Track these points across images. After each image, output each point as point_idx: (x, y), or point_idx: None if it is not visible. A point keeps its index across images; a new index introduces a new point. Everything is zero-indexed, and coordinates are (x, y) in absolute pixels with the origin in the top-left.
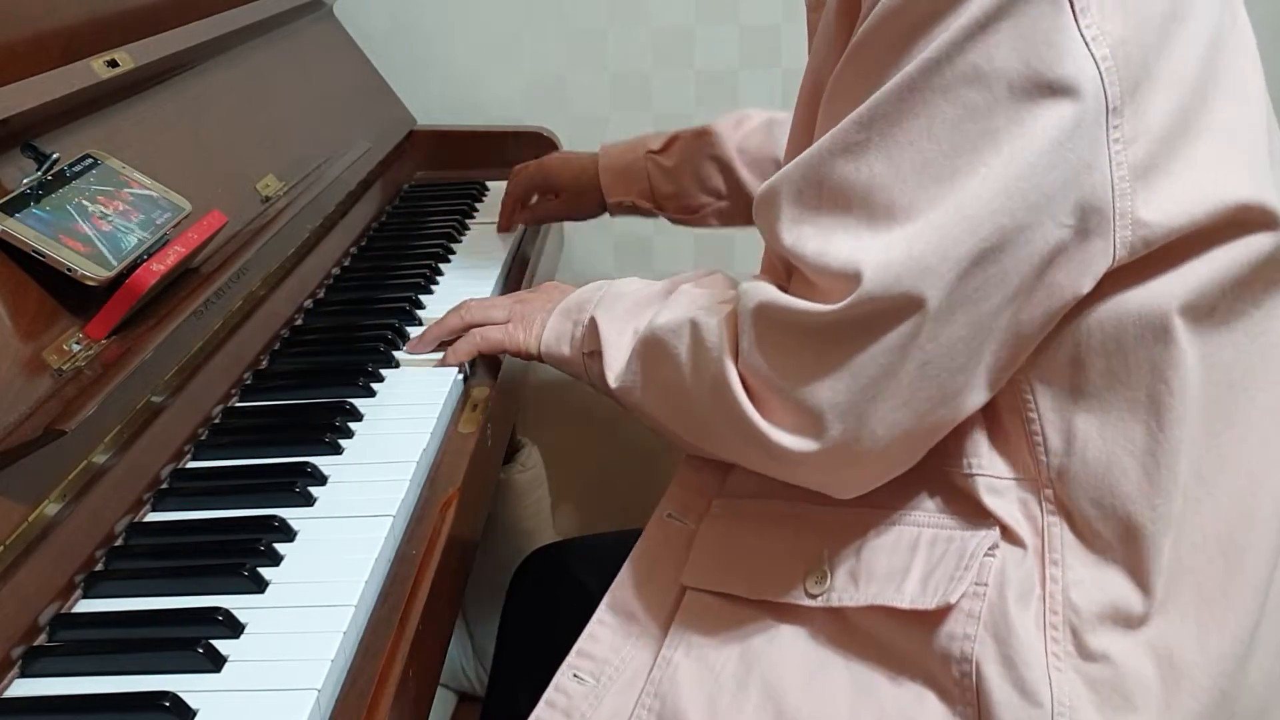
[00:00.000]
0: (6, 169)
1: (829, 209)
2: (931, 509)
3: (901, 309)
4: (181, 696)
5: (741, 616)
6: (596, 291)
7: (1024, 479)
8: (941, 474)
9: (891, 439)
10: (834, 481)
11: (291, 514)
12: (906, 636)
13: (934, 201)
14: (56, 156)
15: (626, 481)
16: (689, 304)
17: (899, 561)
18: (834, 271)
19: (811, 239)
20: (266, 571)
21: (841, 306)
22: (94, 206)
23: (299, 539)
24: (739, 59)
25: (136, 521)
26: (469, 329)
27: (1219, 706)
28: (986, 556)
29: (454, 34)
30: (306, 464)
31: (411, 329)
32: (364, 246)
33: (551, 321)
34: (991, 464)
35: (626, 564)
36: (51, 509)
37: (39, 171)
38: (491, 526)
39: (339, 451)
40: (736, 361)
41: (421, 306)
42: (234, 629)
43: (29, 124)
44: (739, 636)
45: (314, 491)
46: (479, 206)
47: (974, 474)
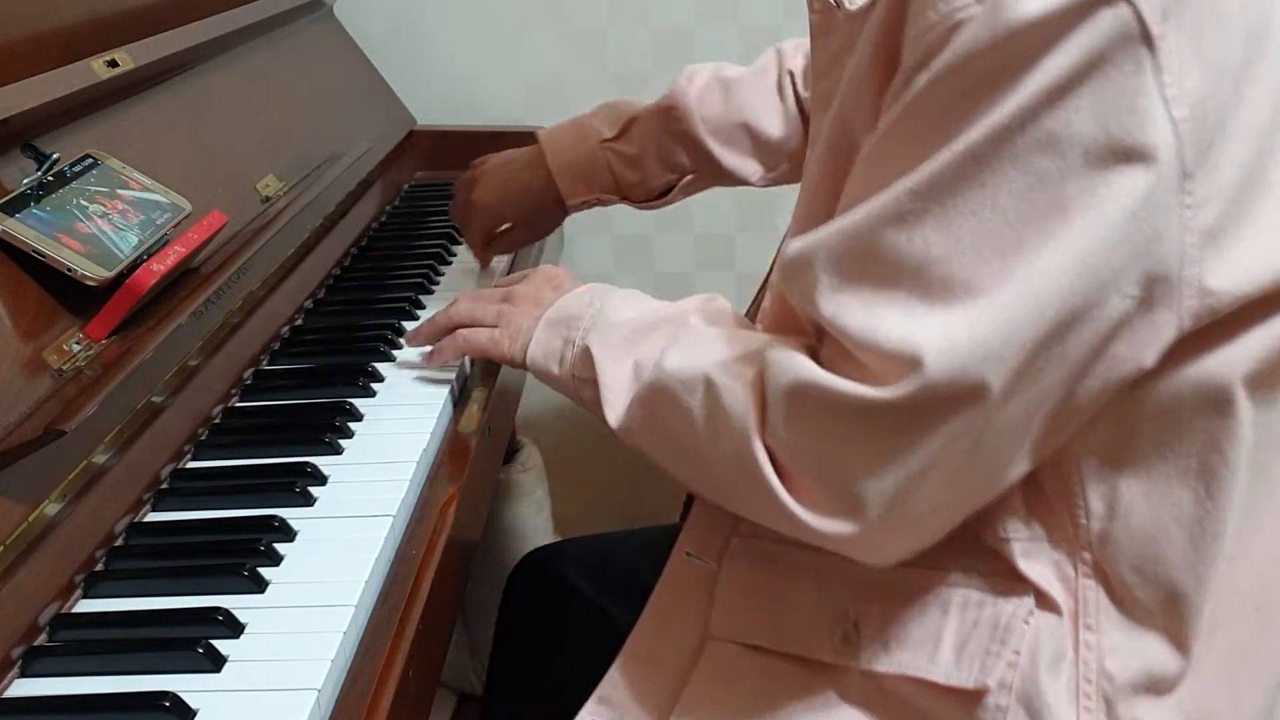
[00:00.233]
0: (6, 169)
1: (875, 280)
2: (963, 570)
3: (963, 396)
4: (181, 696)
5: (768, 670)
6: (588, 307)
7: (1060, 542)
8: (974, 536)
9: (931, 516)
10: (861, 553)
11: (291, 514)
12: (940, 706)
13: (997, 278)
14: (56, 156)
15: (627, 481)
16: (703, 353)
17: (930, 626)
18: (887, 352)
19: (855, 311)
20: (266, 571)
21: (899, 394)
22: (94, 206)
23: (299, 539)
24: (739, 59)
25: (136, 521)
26: (456, 328)
27: None
28: (1021, 624)
29: (454, 34)
30: (306, 464)
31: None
32: (364, 246)
33: (539, 334)
34: (1028, 528)
35: (648, 606)
36: (51, 509)
37: (39, 171)
38: (491, 526)
39: (339, 451)
40: (763, 436)
41: (421, 307)
42: (234, 629)
43: (29, 124)
44: (765, 692)
45: (314, 491)
46: None
47: (1009, 538)
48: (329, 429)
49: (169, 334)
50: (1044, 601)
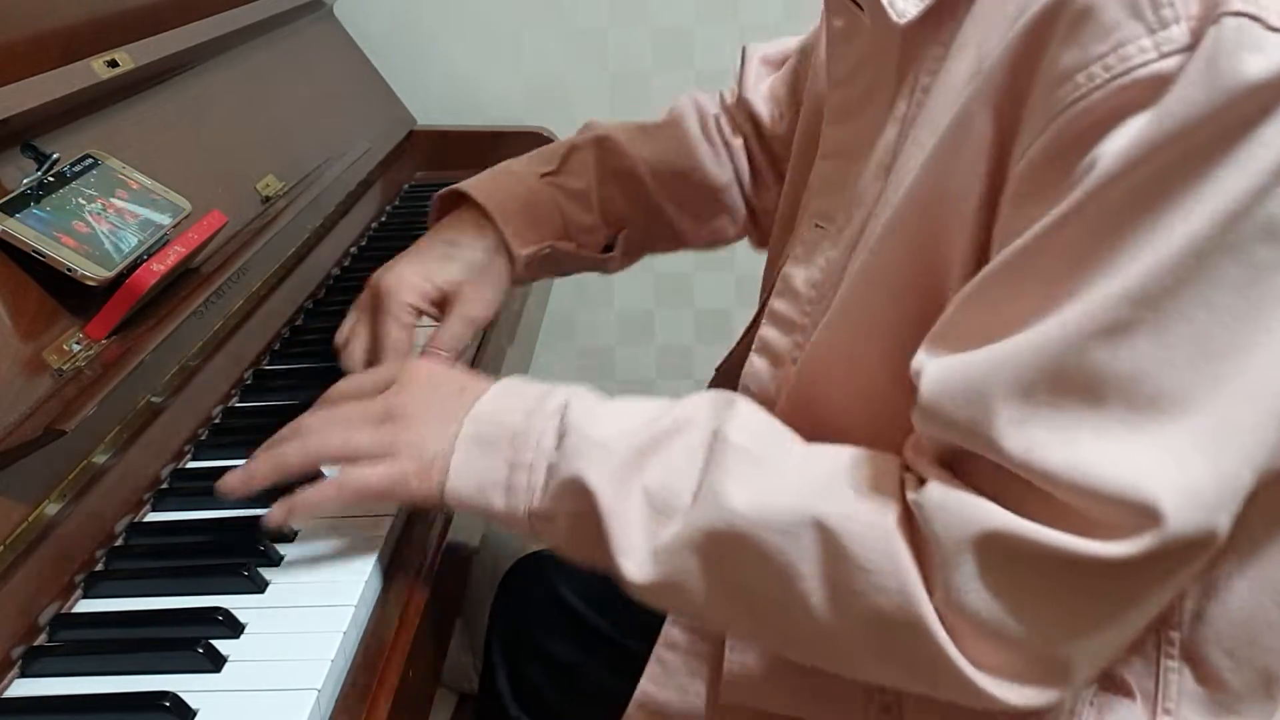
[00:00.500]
0: (6, 169)
1: (1075, 406)
2: None
3: (1204, 543)
4: (181, 696)
5: None
6: (539, 418)
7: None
8: None
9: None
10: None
11: None
12: None
13: (1212, 387)
14: (56, 156)
15: None
16: (789, 488)
17: None
18: (1109, 497)
19: (1053, 446)
20: (266, 571)
21: (1136, 551)
22: (94, 206)
23: (299, 538)
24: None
25: (136, 521)
26: (314, 465)
27: None
28: (1085, 706)
29: (454, 34)
30: None
31: None
32: (364, 246)
33: (462, 459)
34: None
35: (652, 658)
36: (51, 509)
37: (39, 171)
38: (491, 526)
39: None
40: (934, 598)
41: None
42: (234, 629)
43: (29, 124)
44: None
45: None
46: None
47: None
48: None
49: (169, 334)
50: (1113, 684)
